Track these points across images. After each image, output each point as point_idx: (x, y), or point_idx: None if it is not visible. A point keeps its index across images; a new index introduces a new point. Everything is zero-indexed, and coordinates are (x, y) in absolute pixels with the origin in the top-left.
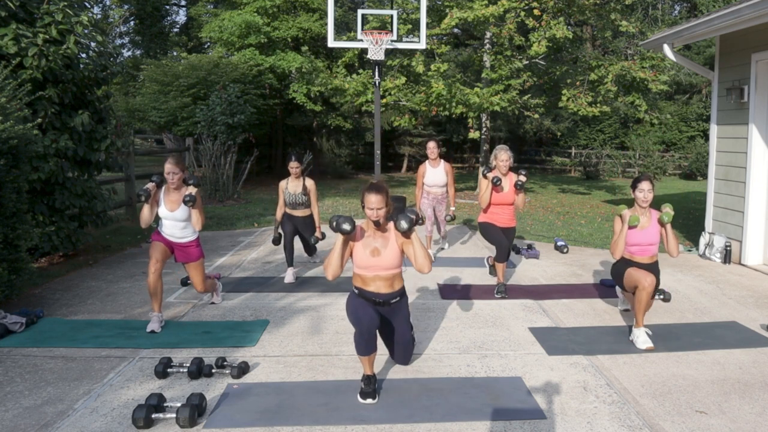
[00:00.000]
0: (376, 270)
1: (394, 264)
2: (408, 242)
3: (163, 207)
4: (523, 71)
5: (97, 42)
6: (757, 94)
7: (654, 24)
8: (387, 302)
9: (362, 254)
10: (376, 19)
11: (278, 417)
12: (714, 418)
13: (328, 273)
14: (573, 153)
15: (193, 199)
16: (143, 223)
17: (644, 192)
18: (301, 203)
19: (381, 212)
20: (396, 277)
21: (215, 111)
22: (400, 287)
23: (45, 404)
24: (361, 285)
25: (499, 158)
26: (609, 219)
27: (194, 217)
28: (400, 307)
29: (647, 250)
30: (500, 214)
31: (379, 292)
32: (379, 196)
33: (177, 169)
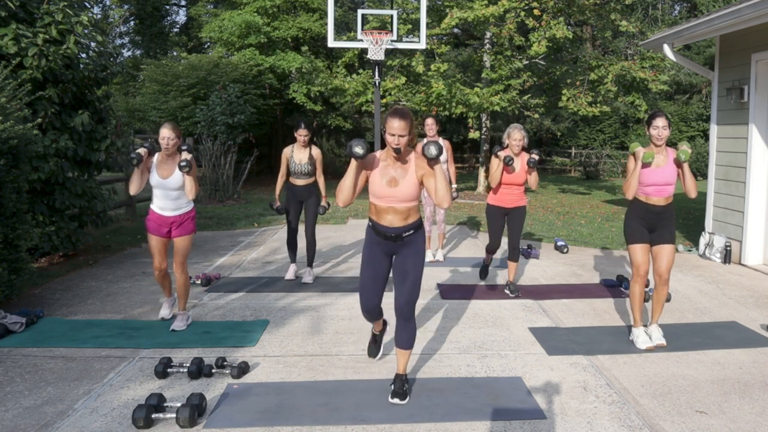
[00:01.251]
0: (391, 201)
1: (410, 196)
2: (430, 173)
3: (155, 175)
4: (523, 71)
5: (97, 42)
6: (757, 94)
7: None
8: (399, 236)
9: (378, 183)
10: (376, 19)
11: (278, 417)
12: (714, 418)
13: (339, 198)
14: (573, 153)
15: (189, 164)
16: (133, 189)
17: (659, 129)
18: (305, 172)
19: (403, 140)
20: (411, 210)
21: (215, 111)
22: (414, 220)
23: (45, 404)
24: (375, 217)
25: (513, 137)
26: (609, 219)
27: (188, 184)
28: (414, 241)
29: (663, 190)
30: (510, 195)
31: (392, 226)
32: (403, 122)
33: (173, 135)
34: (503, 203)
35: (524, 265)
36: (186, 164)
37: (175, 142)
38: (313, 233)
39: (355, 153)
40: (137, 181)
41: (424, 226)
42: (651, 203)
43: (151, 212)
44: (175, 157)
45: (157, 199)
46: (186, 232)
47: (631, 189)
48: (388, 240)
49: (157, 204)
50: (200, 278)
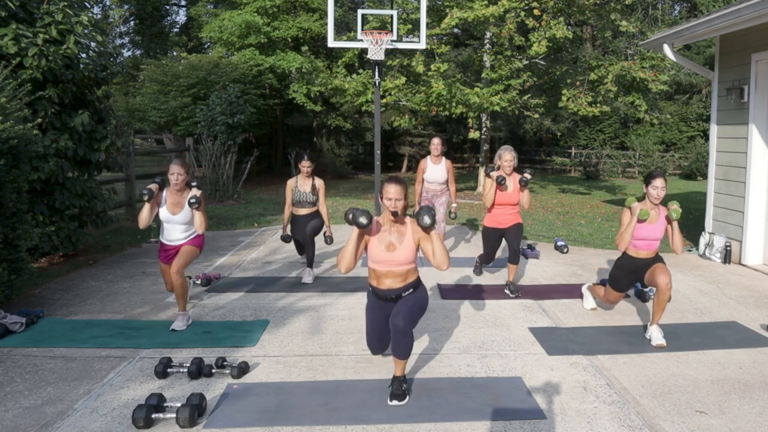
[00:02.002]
0: (390, 265)
1: (408, 260)
2: (426, 238)
3: (164, 209)
4: (523, 71)
5: (97, 42)
6: (757, 94)
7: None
8: (399, 296)
9: (377, 248)
10: (376, 19)
11: (278, 417)
12: (714, 418)
13: (341, 266)
14: (573, 153)
15: (198, 201)
16: (141, 224)
17: (658, 189)
18: (308, 202)
19: (399, 204)
20: (410, 271)
21: (215, 111)
22: (413, 279)
23: (45, 404)
24: (375, 283)
25: (504, 158)
26: (609, 219)
27: (197, 219)
28: (412, 297)
29: (652, 245)
30: (504, 215)
31: (392, 288)
32: (398, 187)
33: (183, 171)
34: (500, 224)
35: (524, 265)
36: (195, 201)
37: (184, 178)
38: (312, 236)
39: (359, 223)
40: (147, 215)
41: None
42: (640, 257)
43: (161, 244)
44: (184, 192)
45: (166, 233)
46: (192, 243)
47: (625, 243)
48: (389, 302)
49: (166, 237)
50: (200, 278)
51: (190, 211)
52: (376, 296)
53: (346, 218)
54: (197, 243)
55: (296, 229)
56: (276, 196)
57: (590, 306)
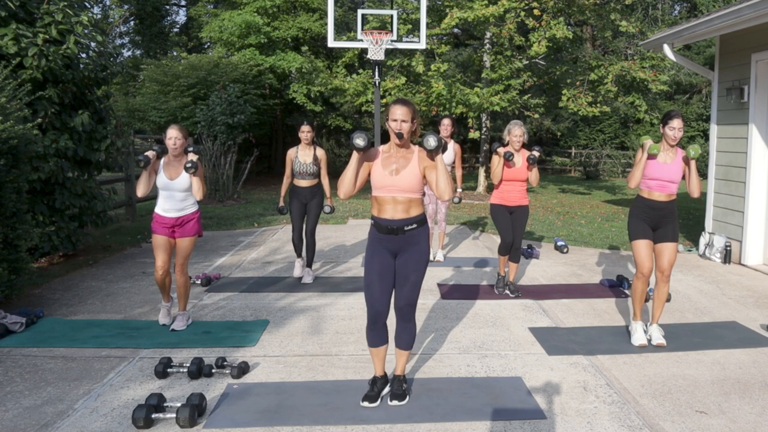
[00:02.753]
0: (392, 191)
1: (412, 186)
2: (431, 165)
3: (162, 176)
4: (523, 71)
5: (97, 42)
6: (757, 94)
7: (654, 24)
8: (401, 228)
9: (380, 173)
10: (376, 19)
11: (278, 417)
12: (714, 418)
13: (340, 191)
14: (573, 153)
15: (195, 165)
16: (140, 192)
17: (675, 130)
18: (310, 173)
19: (405, 125)
20: (413, 202)
21: (215, 111)
22: (417, 214)
23: (45, 404)
24: (377, 212)
25: (513, 133)
26: (609, 219)
27: (195, 185)
28: (417, 239)
29: (666, 186)
30: (512, 192)
31: (394, 218)
32: (405, 107)
33: (180, 135)
34: (506, 201)
35: (524, 265)
36: (192, 165)
37: (182, 142)
38: (313, 234)
39: (356, 144)
40: (145, 182)
41: (427, 223)
42: (653, 199)
43: (155, 215)
44: (182, 159)
45: (162, 201)
46: (189, 233)
47: (635, 179)
48: (390, 234)
49: (161, 206)
50: (200, 278)
51: (189, 177)
52: (378, 228)
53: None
54: (195, 230)
55: (296, 202)
56: (276, 196)
57: (639, 342)
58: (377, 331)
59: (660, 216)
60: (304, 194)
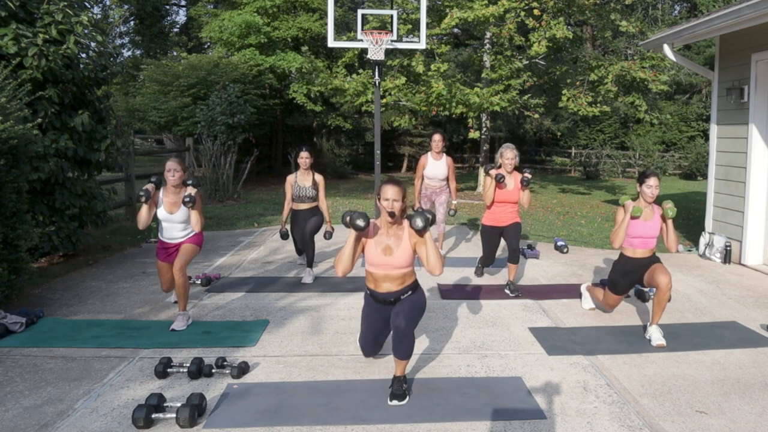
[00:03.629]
0: (387, 269)
1: (405, 263)
2: (421, 242)
3: (162, 209)
4: (523, 71)
5: (97, 42)
6: (757, 94)
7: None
8: (398, 298)
9: (374, 252)
10: (376, 19)
11: (278, 417)
12: (714, 418)
13: (338, 269)
14: (573, 153)
15: (192, 199)
16: (141, 224)
17: (652, 188)
18: (308, 197)
19: (397, 205)
20: (407, 274)
21: (215, 111)
22: (411, 282)
23: (45, 404)
24: (373, 286)
25: (505, 156)
26: (609, 219)
27: (193, 218)
28: (410, 300)
29: (648, 242)
30: (504, 213)
31: (390, 291)
32: (396, 188)
33: (179, 167)
34: (498, 222)
35: (524, 265)
36: (189, 200)
37: (180, 175)
38: (312, 236)
39: (356, 226)
40: (145, 215)
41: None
42: (637, 257)
43: (160, 242)
44: (181, 191)
45: (165, 231)
46: (192, 241)
47: (619, 239)
48: (387, 305)
49: (165, 236)
50: (200, 278)
51: (187, 210)
52: (374, 299)
53: (343, 221)
54: (197, 241)
55: (296, 225)
56: (276, 196)
57: (589, 306)
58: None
59: (643, 269)
60: (304, 217)
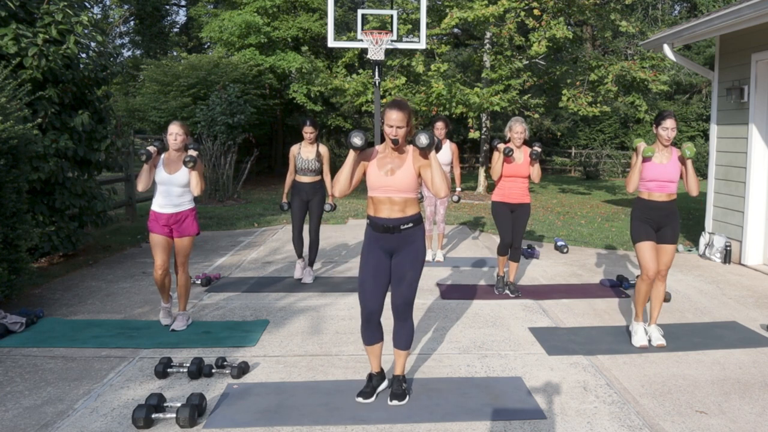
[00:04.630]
0: (388, 191)
1: (407, 186)
2: (426, 164)
3: (162, 170)
4: (523, 71)
5: (97, 42)
6: (757, 94)
7: (654, 24)
8: (397, 227)
9: (375, 173)
10: (376, 19)
11: (278, 417)
12: (714, 418)
13: (335, 188)
14: (573, 153)
15: (194, 160)
16: (141, 185)
17: (668, 131)
18: (312, 169)
19: (401, 131)
20: (409, 202)
21: (215, 111)
22: (413, 213)
23: (45, 404)
24: (373, 212)
25: (514, 130)
26: (609, 219)
27: (194, 180)
28: (413, 238)
29: (665, 186)
30: (513, 188)
31: (390, 217)
32: (400, 113)
33: (181, 131)
34: (508, 198)
35: (524, 265)
36: (191, 159)
37: (183, 138)
38: (317, 232)
39: (353, 143)
40: (145, 177)
41: (424, 224)
42: (653, 200)
43: (151, 213)
44: (182, 155)
45: (159, 197)
46: (187, 233)
47: (632, 183)
48: (386, 233)
49: (157, 202)
50: (200, 278)
51: (188, 172)
52: (374, 227)
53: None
54: (191, 230)
55: (297, 199)
56: (276, 196)
57: (640, 343)
58: (371, 330)
59: (661, 216)
60: (305, 190)
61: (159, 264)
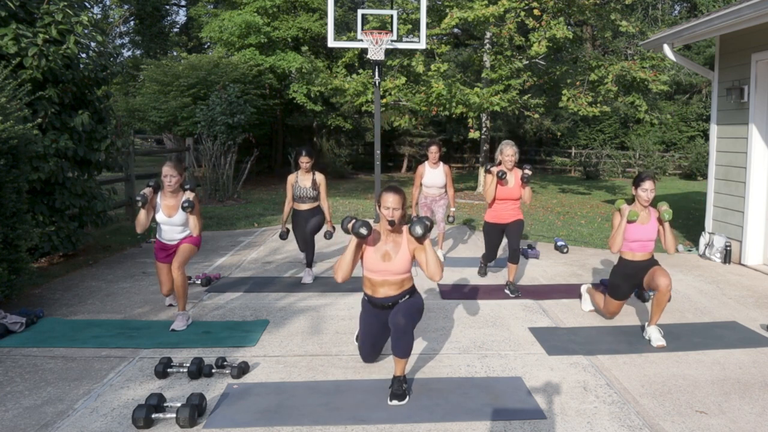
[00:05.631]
0: (385, 275)
1: (403, 269)
2: (420, 248)
3: (160, 213)
4: (523, 71)
5: (97, 42)
6: (757, 94)
7: (654, 24)
8: (396, 302)
9: (373, 258)
10: (376, 19)
11: (278, 417)
12: (714, 418)
13: (338, 275)
14: (573, 153)
15: (191, 204)
16: (139, 228)
17: (647, 192)
18: (309, 197)
19: (397, 213)
20: (405, 279)
21: (215, 111)
22: (408, 287)
23: (45, 404)
24: (371, 292)
25: (505, 153)
26: (609, 219)
27: (192, 222)
28: (408, 302)
29: (646, 246)
30: (505, 210)
31: (388, 296)
32: (396, 196)
33: (175, 173)
34: (501, 219)
35: (524, 265)
36: (189, 205)
37: (177, 179)
38: (312, 236)
39: (359, 234)
40: (144, 220)
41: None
42: (636, 260)
43: (157, 241)
44: (179, 195)
45: (163, 233)
46: (190, 241)
47: (617, 244)
48: (385, 309)
49: (163, 237)
50: (200, 278)
51: (186, 213)
52: (372, 305)
53: (343, 227)
54: (195, 242)
55: (297, 225)
56: (276, 196)
57: (588, 308)
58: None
59: (644, 271)
60: (305, 217)
61: (165, 291)
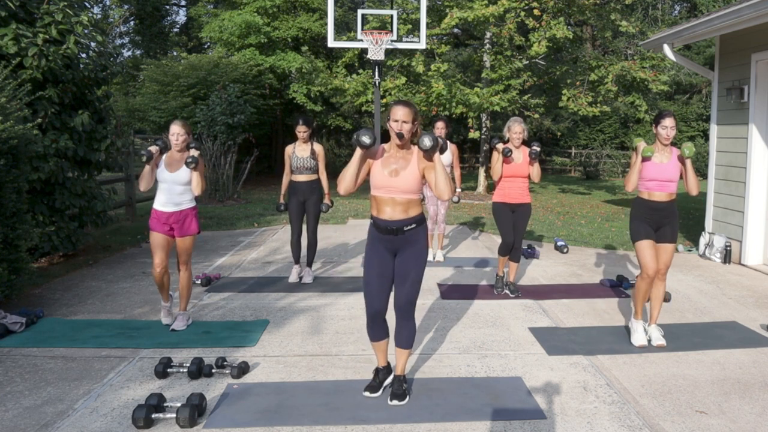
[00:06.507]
0: (391, 191)
1: (411, 188)
2: (430, 166)
3: (163, 169)
4: (523, 71)
5: (97, 42)
6: (757, 94)
7: (654, 24)
8: (400, 229)
9: (380, 173)
10: (376, 19)
11: (278, 417)
12: (714, 418)
13: (340, 186)
14: (573, 153)
15: (195, 160)
16: (143, 185)
17: (667, 129)
18: (308, 168)
19: (406, 126)
20: (412, 203)
21: (215, 111)
22: (416, 214)
23: (45, 404)
24: (376, 212)
25: (513, 130)
26: (609, 219)
27: (195, 180)
28: (416, 238)
29: (665, 186)
30: (513, 188)
31: (393, 219)
32: (406, 108)
33: (183, 131)
34: (508, 198)
35: (524, 265)
36: (192, 160)
37: (185, 138)
38: (314, 233)
39: (362, 142)
40: (147, 177)
41: (427, 224)
42: (653, 199)
43: (153, 211)
44: (184, 154)
45: (160, 194)
46: (188, 232)
47: (631, 182)
48: (389, 234)
49: (159, 200)
50: (200, 278)
51: (189, 171)
52: (377, 228)
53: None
54: (192, 229)
55: (293, 199)
56: (276, 196)
57: (639, 342)
58: (377, 328)
59: (661, 216)
60: (302, 190)
61: (158, 262)
